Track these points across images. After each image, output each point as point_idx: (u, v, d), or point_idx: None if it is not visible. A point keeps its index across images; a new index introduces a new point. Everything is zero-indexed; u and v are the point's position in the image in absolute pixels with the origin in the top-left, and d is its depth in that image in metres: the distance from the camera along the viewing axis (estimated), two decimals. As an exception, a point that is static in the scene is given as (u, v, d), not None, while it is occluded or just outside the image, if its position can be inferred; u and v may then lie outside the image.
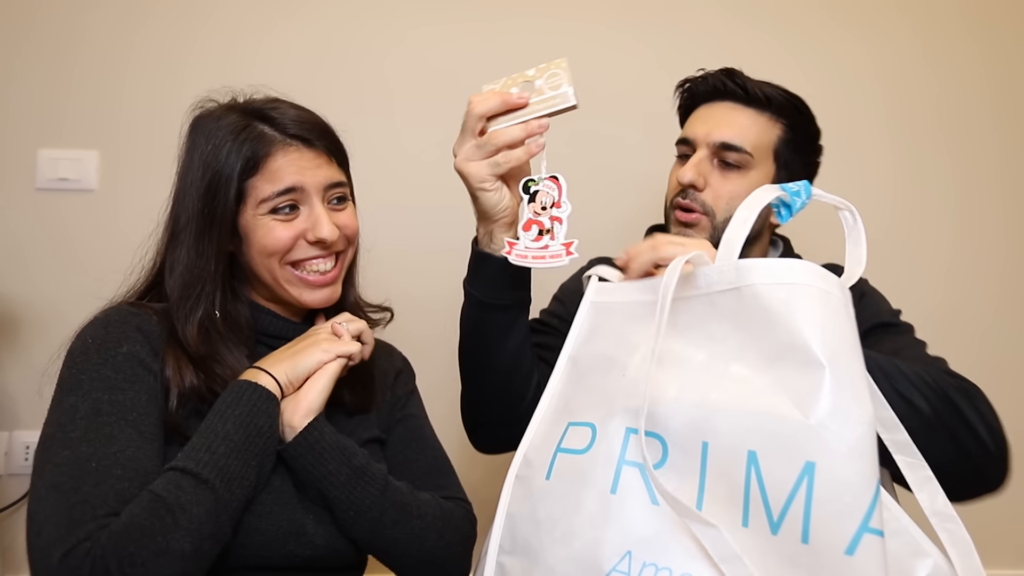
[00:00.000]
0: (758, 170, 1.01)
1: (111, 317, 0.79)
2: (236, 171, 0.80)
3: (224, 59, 1.49)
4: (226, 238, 0.82)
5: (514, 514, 0.70)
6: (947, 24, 1.61)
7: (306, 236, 0.83)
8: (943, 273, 1.58)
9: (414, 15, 1.53)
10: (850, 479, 0.55)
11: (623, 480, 0.66)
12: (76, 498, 0.66)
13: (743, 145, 0.99)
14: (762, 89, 1.01)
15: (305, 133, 0.83)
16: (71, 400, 0.73)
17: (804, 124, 1.04)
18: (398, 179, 1.51)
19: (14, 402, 1.45)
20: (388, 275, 1.48)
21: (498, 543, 0.70)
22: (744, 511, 0.59)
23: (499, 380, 0.91)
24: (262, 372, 0.78)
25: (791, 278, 0.62)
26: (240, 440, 0.72)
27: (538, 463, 0.72)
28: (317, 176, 0.83)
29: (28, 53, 1.46)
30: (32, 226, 1.46)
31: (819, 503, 0.55)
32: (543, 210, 0.76)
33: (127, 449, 0.70)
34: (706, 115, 1.04)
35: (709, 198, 1.00)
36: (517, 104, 0.78)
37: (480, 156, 0.78)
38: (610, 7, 1.56)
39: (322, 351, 0.80)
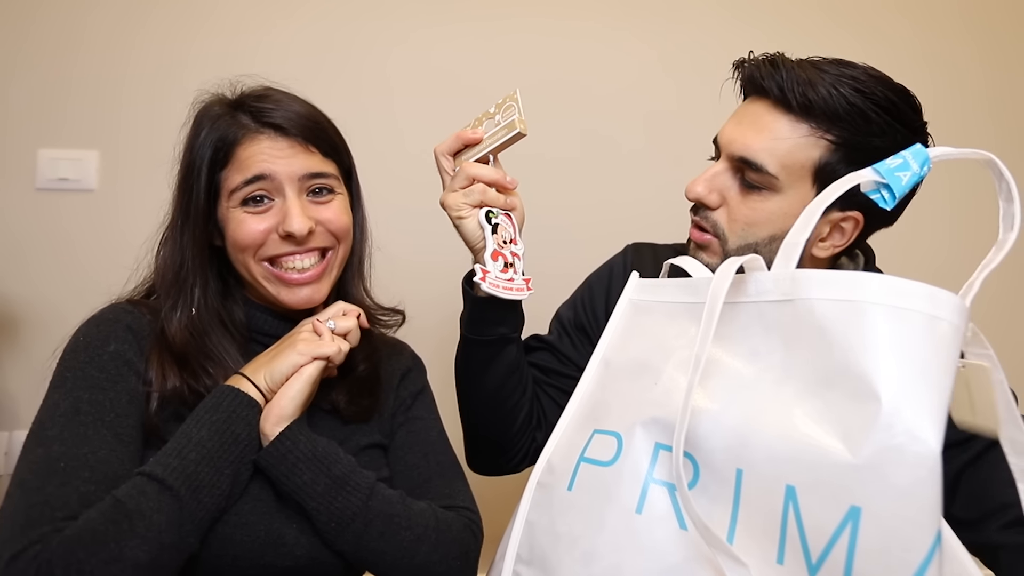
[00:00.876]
0: (786, 195, 0.80)
1: (104, 315, 0.79)
2: (206, 160, 0.78)
3: (224, 59, 1.49)
4: (201, 231, 0.80)
5: (533, 523, 0.68)
6: (945, 24, 1.61)
7: (278, 229, 0.79)
8: (941, 273, 1.58)
9: (414, 15, 1.53)
10: (900, 528, 0.48)
11: (650, 499, 0.61)
12: (37, 498, 0.63)
13: (766, 166, 0.79)
14: (805, 92, 0.77)
15: (282, 122, 0.79)
16: (54, 397, 0.72)
17: (873, 134, 0.78)
18: (397, 179, 1.51)
19: (14, 402, 1.45)
20: (389, 276, 1.48)
21: (516, 551, 0.68)
22: (780, 548, 0.53)
23: (484, 409, 0.91)
24: (243, 378, 0.76)
25: (855, 295, 0.54)
26: (214, 447, 0.70)
27: (561, 471, 0.69)
28: (291, 165, 0.78)
29: (28, 53, 1.45)
30: (32, 226, 1.46)
31: (863, 553, 0.49)
32: (504, 244, 0.82)
33: (99, 451, 0.68)
34: (739, 115, 0.85)
35: (723, 219, 0.84)
36: (472, 140, 0.85)
37: (455, 188, 0.84)
38: (610, 6, 1.56)
39: (297, 353, 0.76)
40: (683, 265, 0.77)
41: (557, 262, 1.42)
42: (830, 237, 0.84)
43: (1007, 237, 0.61)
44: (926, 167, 0.62)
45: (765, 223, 0.82)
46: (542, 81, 1.54)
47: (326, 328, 0.79)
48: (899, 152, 0.73)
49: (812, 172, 0.79)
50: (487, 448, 0.96)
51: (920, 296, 0.53)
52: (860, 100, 0.77)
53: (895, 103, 0.79)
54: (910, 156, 0.62)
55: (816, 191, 0.80)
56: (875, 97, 0.78)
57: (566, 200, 1.54)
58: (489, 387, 0.89)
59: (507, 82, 1.53)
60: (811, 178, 0.80)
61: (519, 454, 0.94)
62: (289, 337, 0.80)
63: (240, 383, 0.75)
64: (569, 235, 1.54)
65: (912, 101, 0.83)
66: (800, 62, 0.81)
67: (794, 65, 0.80)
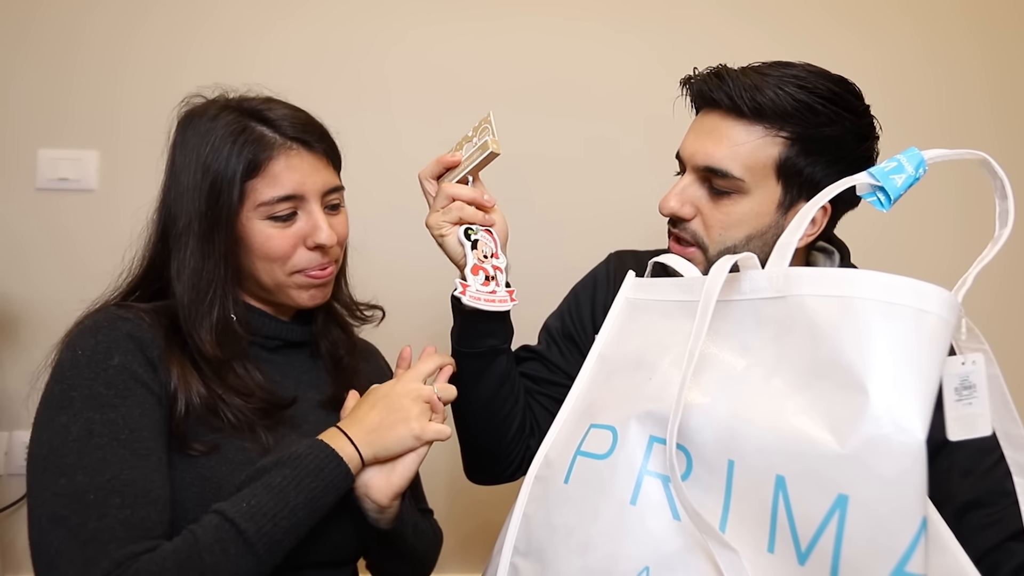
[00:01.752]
0: (754, 195, 0.85)
1: (100, 324, 0.76)
2: (239, 174, 0.79)
3: (224, 59, 1.49)
4: (232, 240, 0.81)
5: (530, 516, 0.69)
6: (947, 23, 1.61)
7: (305, 242, 0.83)
8: (942, 273, 1.57)
9: (413, 15, 1.53)
10: (887, 516, 0.49)
11: (644, 491, 0.63)
12: (85, 535, 0.65)
13: (730, 170, 0.83)
14: (754, 97, 0.82)
15: (305, 135, 0.83)
16: (62, 419, 0.70)
17: (822, 125, 0.83)
18: (396, 180, 1.51)
19: (14, 402, 1.45)
20: (391, 275, 1.48)
21: (513, 544, 0.69)
22: (771, 536, 0.55)
23: (478, 420, 0.93)
24: (347, 441, 0.75)
25: (845, 291, 0.56)
26: (304, 516, 0.70)
27: (558, 464, 0.70)
28: (317, 182, 0.83)
29: (28, 53, 1.46)
30: (32, 226, 1.46)
31: (850, 539, 0.50)
32: (485, 258, 0.85)
33: (121, 473, 0.68)
34: (696, 128, 0.90)
35: (700, 228, 0.88)
36: (451, 163, 0.89)
37: (436, 208, 0.88)
38: (610, 6, 1.56)
39: (414, 438, 0.76)
40: (671, 263, 0.78)
41: (557, 260, 1.42)
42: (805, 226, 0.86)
43: (1002, 233, 0.63)
44: (921, 169, 0.65)
45: (739, 224, 0.86)
46: (542, 81, 1.54)
47: (435, 398, 0.80)
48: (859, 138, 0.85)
49: (775, 169, 0.84)
50: (483, 458, 0.98)
51: (908, 291, 0.55)
52: (805, 96, 0.82)
53: (837, 93, 0.84)
54: (904, 159, 0.64)
55: (782, 186, 0.84)
56: (818, 91, 0.83)
57: (566, 199, 1.54)
58: (482, 398, 0.91)
59: (507, 82, 1.54)
60: (775, 175, 0.84)
61: (514, 463, 0.96)
62: (400, 396, 0.78)
63: (343, 447, 0.74)
64: (569, 233, 1.54)
65: (852, 88, 0.88)
66: (743, 70, 0.86)
67: (738, 74, 0.85)
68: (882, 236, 1.56)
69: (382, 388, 0.80)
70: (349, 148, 1.49)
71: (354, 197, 1.46)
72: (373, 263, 1.46)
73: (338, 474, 0.73)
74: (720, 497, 0.59)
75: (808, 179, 0.84)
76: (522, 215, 1.49)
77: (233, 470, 0.75)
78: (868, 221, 1.55)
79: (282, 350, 0.90)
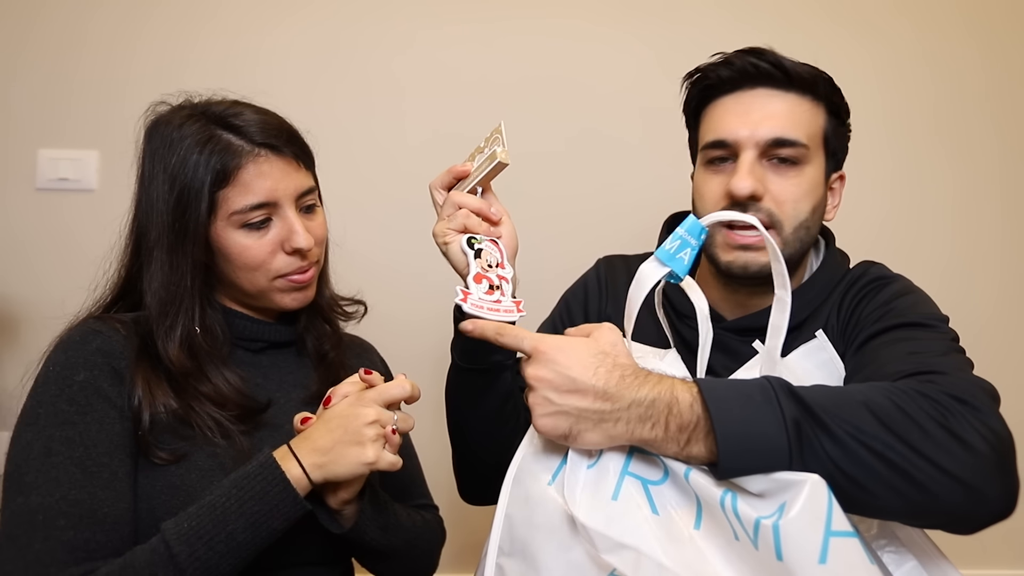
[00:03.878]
0: (812, 164, 0.86)
1: (72, 339, 0.77)
2: (207, 184, 0.78)
3: (225, 59, 1.49)
4: (200, 251, 0.81)
5: (512, 515, 0.69)
6: (946, 24, 1.61)
7: (283, 246, 0.83)
8: (940, 273, 1.58)
9: (415, 17, 1.53)
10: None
11: (624, 489, 0.66)
12: (30, 556, 0.66)
13: (799, 138, 0.84)
14: (799, 69, 0.85)
15: (273, 140, 0.81)
16: (28, 436, 0.72)
17: (840, 101, 0.89)
18: (402, 175, 1.51)
19: (14, 402, 1.45)
20: (401, 274, 1.48)
21: (497, 545, 0.69)
22: (731, 527, 0.61)
23: (480, 437, 0.90)
24: (295, 463, 0.71)
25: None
26: (244, 540, 0.68)
27: (539, 468, 0.71)
28: (289, 186, 0.82)
29: (29, 53, 1.46)
30: (32, 226, 1.46)
31: (786, 522, 0.57)
32: (489, 267, 0.81)
33: (70, 493, 0.69)
34: (741, 108, 0.86)
35: (772, 206, 0.84)
36: (461, 173, 0.87)
37: (442, 217, 0.86)
38: (611, 7, 1.56)
39: (365, 465, 0.71)
40: (689, 292, 0.78)
41: (557, 259, 1.43)
42: (830, 199, 0.93)
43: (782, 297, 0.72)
44: (703, 235, 0.71)
45: (806, 196, 0.86)
46: (542, 81, 1.54)
47: (390, 430, 0.74)
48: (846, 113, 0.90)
49: (822, 139, 0.88)
50: (486, 477, 0.93)
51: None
52: (823, 73, 0.88)
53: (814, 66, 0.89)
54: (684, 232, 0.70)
55: (825, 158, 0.88)
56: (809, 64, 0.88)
57: (566, 198, 1.54)
58: (485, 415, 0.89)
59: (507, 81, 1.54)
60: (823, 146, 0.88)
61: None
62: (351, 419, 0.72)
63: (288, 466, 0.70)
64: (568, 232, 1.54)
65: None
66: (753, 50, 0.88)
67: (771, 51, 0.87)
68: (879, 236, 1.56)
69: (339, 407, 0.74)
70: (352, 147, 1.51)
71: (363, 196, 1.49)
72: (378, 262, 1.47)
73: (284, 499, 0.69)
74: (693, 499, 0.64)
75: (836, 148, 0.89)
76: (522, 213, 1.50)
77: (202, 477, 0.75)
78: (867, 221, 1.56)
79: (266, 351, 0.90)
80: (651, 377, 0.66)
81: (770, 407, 0.61)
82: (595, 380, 0.64)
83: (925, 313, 0.80)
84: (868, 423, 0.60)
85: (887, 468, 0.59)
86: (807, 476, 0.58)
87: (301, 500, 0.70)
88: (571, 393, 0.65)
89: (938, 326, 0.78)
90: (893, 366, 0.70)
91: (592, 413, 0.64)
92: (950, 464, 0.59)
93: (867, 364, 0.75)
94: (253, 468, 0.71)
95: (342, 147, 1.50)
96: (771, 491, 0.60)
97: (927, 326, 0.78)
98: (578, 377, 0.64)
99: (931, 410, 0.61)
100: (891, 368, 0.70)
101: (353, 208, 1.46)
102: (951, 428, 0.60)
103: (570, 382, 0.65)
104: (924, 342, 0.74)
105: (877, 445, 0.59)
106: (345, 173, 1.48)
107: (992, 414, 0.63)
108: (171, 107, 0.85)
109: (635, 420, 0.64)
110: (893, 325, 0.78)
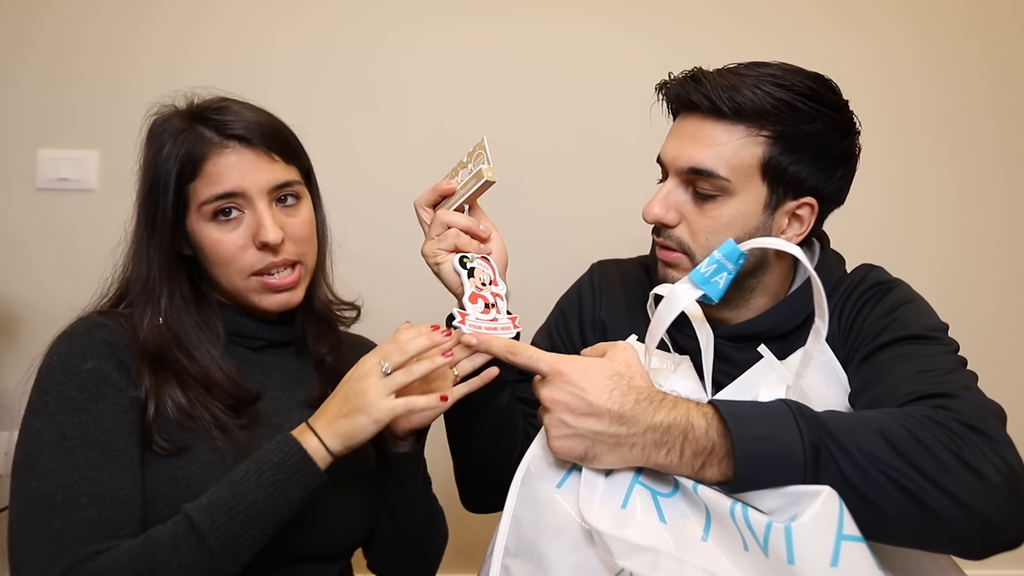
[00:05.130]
0: (740, 196, 0.83)
1: (76, 330, 0.78)
2: (173, 175, 0.79)
3: (226, 59, 1.49)
4: (168, 243, 0.81)
5: (520, 516, 0.69)
6: (945, 24, 1.61)
7: (254, 241, 0.81)
8: (940, 272, 1.58)
9: (416, 17, 1.53)
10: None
11: (634, 497, 0.66)
12: (50, 534, 0.66)
13: (716, 170, 0.82)
14: (733, 97, 0.81)
15: (244, 132, 0.80)
16: (37, 424, 0.72)
17: (803, 122, 0.82)
18: (404, 174, 1.51)
19: (14, 402, 1.45)
20: (405, 274, 1.48)
21: (503, 545, 0.69)
22: (741, 537, 0.60)
23: (480, 451, 0.90)
24: (312, 435, 0.73)
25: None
26: (265, 510, 0.69)
27: (549, 472, 0.71)
28: (259, 179, 0.80)
29: (29, 53, 1.46)
30: (32, 226, 1.46)
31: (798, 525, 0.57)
32: (483, 286, 0.82)
33: (89, 473, 0.69)
34: (677, 132, 0.88)
35: (685, 235, 0.86)
36: (447, 191, 0.87)
37: (431, 236, 0.86)
38: (611, 7, 1.56)
39: (373, 423, 0.72)
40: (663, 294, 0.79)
41: (556, 257, 1.43)
42: (790, 228, 0.87)
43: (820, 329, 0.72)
44: (742, 260, 0.70)
45: (726, 228, 0.84)
46: (543, 80, 1.54)
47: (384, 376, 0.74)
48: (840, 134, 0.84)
49: (760, 169, 0.83)
50: (484, 488, 0.95)
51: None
52: (784, 93, 0.81)
53: (815, 89, 0.83)
54: (721, 256, 0.69)
55: (767, 186, 0.84)
56: (796, 88, 0.82)
57: (565, 198, 1.55)
58: (485, 431, 0.89)
59: (508, 81, 1.54)
60: (760, 175, 0.83)
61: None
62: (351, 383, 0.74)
63: (305, 439, 0.72)
64: (568, 232, 1.54)
65: (830, 84, 0.87)
66: (719, 72, 0.85)
67: (714, 75, 0.84)
68: (879, 235, 1.56)
69: (344, 379, 0.77)
70: (353, 147, 1.51)
71: (365, 195, 1.49)
72: (379, 262, 1.47)
73: (302, 468, 0.71)
74: (703, 511, 0.64)
75: (793, 177, 0.84)
76: (521, 211, 1.50)
77: (203, 470, 0.75)
78: (869, 223, 1.56)
79: (267, 350, 0.90)
80: (666, 401, 0.66)
81: (789, 427, 0.62)
82: (611, 403, 0.65)
83: (928, 324, 0.80)
84: (884, 451, 0.61)
85: (901, 494, 0.60)
86: (821, 488, 0.59)
87: (318, 468, 0.71)
88: (587, 416, 0.65)
89: (941, 338, 0.79)
90: (904, 387, 0.71)
91: (608, 437, 0.65)
92: (962, 493, 0.60)
93: (876, 382, 0.75)
94: (271, 445, 0.72)
95: (343, 147, 1.51)
96: (782, 507, 0.60)
97: (931, 339, 0.78)
98: (594, 400, 0.65)
99: (945, 439, 0.62)
100: (902, 390, 0.71)
101: (355, 208, 1.46)
102: (965, 458, 0.61)
103: (586, 405, 0.65)
104: (931, 358, 0.75)
105: (892, 472, 0.60)
106: (346, 173, 1.48)
107: (1005, 443, 0.64)
108: (168, 108, 0.86)
109: (650, 445, 0.64)
110: (898, 338, 0.78)
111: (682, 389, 0.76)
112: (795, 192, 0.84)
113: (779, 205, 0.85)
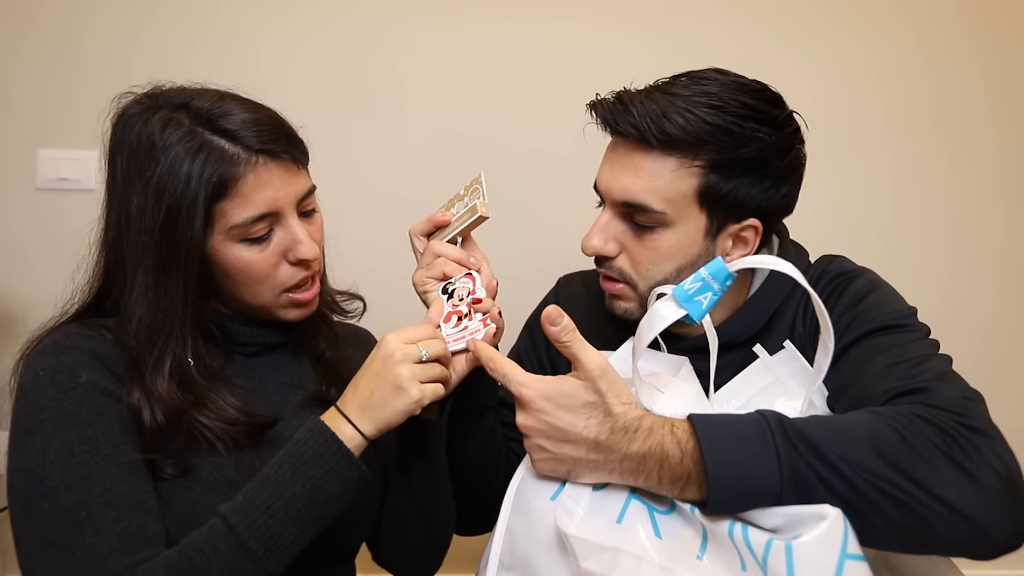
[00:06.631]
0: (679, 227, 0.80)
1: (61, 343, 0.72)
2: (201, 198, 0.70)
3: (227, 59, 1.49)
4: (194, 271, 0.73)
5: (513, 529, 0.69)
6: (946, 25, 1.61)
7: (286, 256, 0.77)
8: (942, 274, 1.58)
9: (416, 18, 1.53)
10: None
11: (630, 512, 0.66)
12: (81, 553, 0.62)
13: (650, 204, 0.79)
14: (662, 127, 0.76)
15: (270, 145, 0.74)
16: (35, 443, 0.66)
17: (739, 147, 0.77)
18: (404, 175, 1.51)
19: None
20: (393, 275, 1.48)
21: (498, 558, 0.69)
22: (739, 556, 0.59)
23: (466, 474, 0.89)
24: (345, 421, 0.69)
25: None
26: (305, 506, 0.65)
27: (543, 485, 0.70)
28: (290, 193, 0.76)
29: (29, 53, 1.46)
30: (32, 226, 1.46)
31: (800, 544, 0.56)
32: (460, 300, 0.81)
33: (112, 486, 0.65)
34: (610, 159, 0.84)
35: (626, 265, 0.84)
36: (442, 222, 0.87)
37: (422, 265, 0.86)
38: (611, 8, 1.56)
39: (415, 403, 0.69)
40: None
41: (556, 257, 1.42)
42: (735, 250, 0.85)
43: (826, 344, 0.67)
44: (729, 281, 0.66)
45: (667, 258, 0.82)
46: (543, 81, 1.54)
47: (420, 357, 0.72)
48: (780, 152, 0.79)
49: (696, 199, 0.79)
50: (467, 513, 0.93)
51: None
52: (717, 117, 0.76)
53: (752, 107, 0.78)
54: (707, 274, 0.65)
55: (706, 213, 0.80)
56: (731, 108, 0.77)
57: (565, 198, 1.54)
58: (469, 457, 0.88)
59: (508, 82, 1.54)
60: (697, 204, 0.80)
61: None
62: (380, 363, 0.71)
63: (338, 425, 0.69)
64: (568, 232, 1.53)
65: (770, 96, 0.82)
66: (648, 92, 0.81)
67: (642, 99, 0.79)
68: (879, 235, 1.56)
69: (371, 355, 0.73)
70: (353, 147, 1.51)
71: (364, 196, 1.49)
72: (378, 262, 1.47)
73: (339, 460, 0.67)
74: (699, 528, 0.63)
75: (733, 201, 0.80)
76: (521, 212, 1.50)
77: (208, 491, 0.72)
78: (866, 220, 1.56)
79: (261, 354, 0.87)
80: (641, 431, 0.65)
81: (766, 450, 0.61)
82: (586, 432, 0.65)
83: (893, 312, 0.78)
84: (873, 460, 0.60)
85: (892, 504, 0.59)
86: (829, 509, 0.57)
87: (356, 460, 0.68)
88: (564, 443, 0.66)
89: (909, 324, 0.77)
90: (879, 385, 0.70)
91: (587, 462, 0.66)
92: (958, 501, 0.58)
93: (850, 383, 0.74)
94: (302, 434, 0.68)
95: (343, 147, 1.51)
96: (785, 526, 0.59)
97: (899, 327, 0.76)
98: (569, 429, 0.65)
99: (938, 441, 0.61)
100: (877, 388, 0.69)
101: (353, 208, 1.46)
102: (959, 461, 0.60)
103: (561, 433, 0.66)
104: (900, 348, 0.73)
105: (883, 484, 0.59)
106: (346, 173, 1.49)
107: (999, 440, 0.62)
108: (142, 101, 0.76)
109: (628, 472, 0.65)
110: (864, 333, 0.77)
111: (683, 394, 0.75)
112: (736, 215, 0.81)
113: (721, 230, 0.82)
